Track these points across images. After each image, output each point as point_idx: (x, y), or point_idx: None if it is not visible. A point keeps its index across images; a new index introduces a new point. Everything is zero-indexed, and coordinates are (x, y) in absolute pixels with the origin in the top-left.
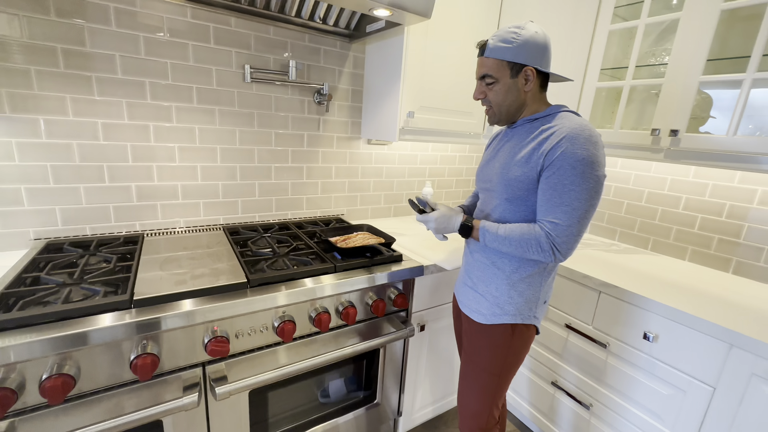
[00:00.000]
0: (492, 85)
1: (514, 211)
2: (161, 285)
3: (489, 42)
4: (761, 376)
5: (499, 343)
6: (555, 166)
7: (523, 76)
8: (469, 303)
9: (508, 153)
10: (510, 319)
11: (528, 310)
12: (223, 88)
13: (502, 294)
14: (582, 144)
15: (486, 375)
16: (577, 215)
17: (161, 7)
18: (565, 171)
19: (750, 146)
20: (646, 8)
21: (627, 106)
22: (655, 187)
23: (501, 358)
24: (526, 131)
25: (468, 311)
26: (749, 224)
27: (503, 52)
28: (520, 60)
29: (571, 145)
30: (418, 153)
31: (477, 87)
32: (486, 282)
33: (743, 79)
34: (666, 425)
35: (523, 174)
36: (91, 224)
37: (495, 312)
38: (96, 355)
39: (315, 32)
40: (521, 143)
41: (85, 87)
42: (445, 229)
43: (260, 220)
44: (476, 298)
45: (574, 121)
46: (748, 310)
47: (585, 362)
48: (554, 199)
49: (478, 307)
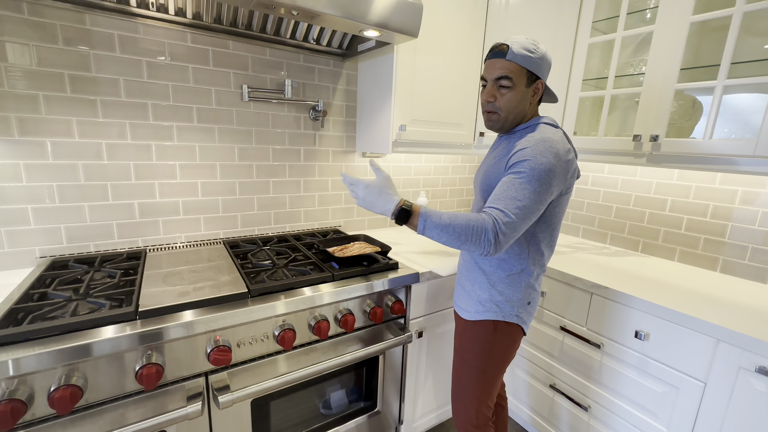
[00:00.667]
0: (507, 89)
1: None
2: (165, 297)
3: (512, 47)
4: (748, 368)
5: (483, 339)
6: (517, 166)
7: (534, 87)
8: (459, 300)
9: (491, 160)
10: (492, 316)
11: (509, 308)
12: (222, 107)
13: (484, 292)
14: (543, 152)
15: (472, 370)
16: (524, 213)
17: (162, 33)
18: (524, 171)
19: (725, 149)
20: (621, 22)
21: (610, 114)
22: (641, 190)
23: (485, 354)
24: (509, 140)
25: (457, 308)
26: (732, 223)
27: (527, 60)
28: (537, 71)
29: (532, 152)
30: (412, 164)
31: (488, 89)
32: (471, 281)
33: (715, 86)
34: (662, 423)
35: (497, 180)
36: (95, 241)
37: (478, 309)
38: (102, 366)
39: (309, 52)
40: (503, 151)
41: (90, 110)
42: (372, 205)
43: (259, 233)
44: (463, 295)
45: (542, 132)
46: (734, 306)
47: (581, 363)
48: (510, 192)
49: (464, 304)
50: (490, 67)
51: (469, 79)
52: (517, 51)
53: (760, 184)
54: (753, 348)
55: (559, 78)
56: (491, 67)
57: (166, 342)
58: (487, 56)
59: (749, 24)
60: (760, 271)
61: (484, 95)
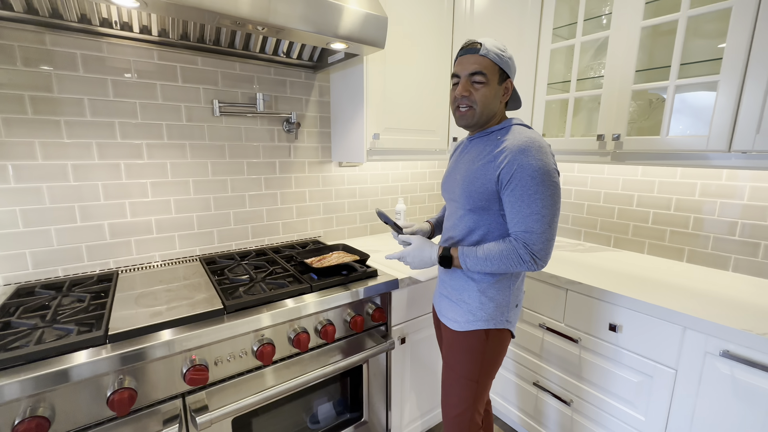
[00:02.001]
0: (481, 85)
1: (478, 220)
2: (136, 319)
3: (485, 44)
4: (713, 353)
5: (475, 349)
6: (515, 179)
7: (504, 86)
8: (446, 312)
9: (468, 165)
10: (483, 325)
11: (500, 314)
12: (193, 123)
13: (474, 301)
14: (534, 155)
15: (464, 381)
16: (546, 221)
17: (128, 51)
18: (526, 182)
19: (681, 144)
20: (580, 28)
21: (575, 116)
22: (610, 187)
23: (477, 364)
24: (483, 143)
25: (445, 320)
26: (694, 215)
27: (498, 58)
28: (507, 71)
29: (525, 158)
30: (389, 172)
31: (463, 84)
32: (459, 290)
33: (667, 85)
34: (639, 411)
35: (482, 185)
36: (64, 265)
37: (469, 319)
38: (71, 394)
39: (280, 65)
40: (479, 155)
41: (54, 131)
42: (423, 263)
43: (237, 248)
44: (451, 306)
45: (523, 134)
46: (699, 294)
47: (561, 359)
48: (523, 210)
49: (454, 315)
50: (463, 63)
51: (440, 87)
52: (489, 48)
53: (716, 177)
54: (717, 333)
55: (525, 82)
56: (464, 63)
57: (138, 365)
58: (458, 54)
59: (696, 27)
60: (722, 259)
61: (458, 90)
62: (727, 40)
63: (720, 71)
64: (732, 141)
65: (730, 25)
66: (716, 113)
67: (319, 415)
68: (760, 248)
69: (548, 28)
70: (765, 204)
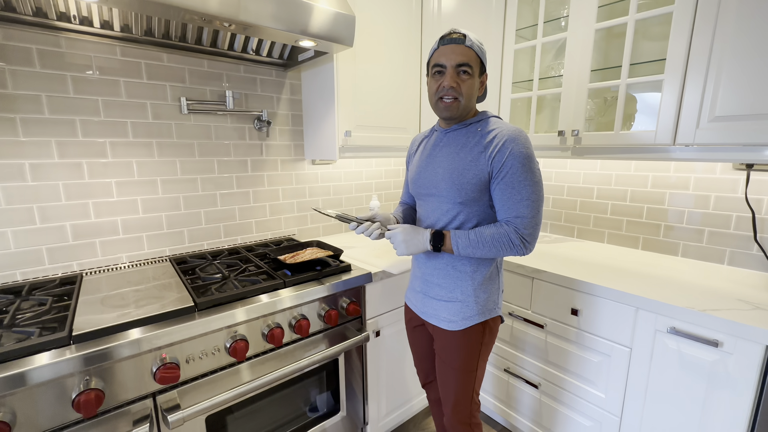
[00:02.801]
0: (468, 76)
1: (469, 213)
2: (103, 319)
3: (468, 35)
4: (662, 330)
5: (474, 344)
6: (507, 166)
7: (480, 79)
8: (437, 313)
9: (451, 158)
10: (480, 319)
11: (492, 303)
12: (159, 120)
13: (468, 296)
14: (523, 143)
15: (464, 374)
16: (535, 206)
17: (88, 47)
18: (517, 169)
19: (632, 139)
20: (540, 30)
21: (539, 113)
22: (572, 181)
23: (476, 356)
24: (463, 135)
25: (436, 321)
26: (648, 205)
27: (481, 51)
28: (486, 64)
29: (516, 146)
30: (363, 169)
31: (451, 75)
32: (449, 288)
33: (619, 84)
34: (599, 389)
35: (475, 176)
36: (22, 269)
37: (465, 316)
38: (33, 397)
39: (250, 63)
40: (464, 147)
41: (9, 129)
42: (415, 246)
43: (209, 247)
44: (443, 306)
45: (508, 125)
46: (651, 277)
47: (529, 345)
48: (514, 196)
49: (448, 315)
50: (449, 53)
51: (410, 85)
52: (474, 39)
53: (665, 169)
54: (664, 312)
55: (492, 81)
56: (451, 53)
57: (105, 365)
58: (442, 42)
59: (644, 30)
60: (672, 246)
61: (446, 81)
62: (669, 43)
63: (664, 71)
64: (676, 135)
65: (671, 29)
66: (662, 110)
67: (296, 410)
68: (704, 234)
69: (512, 30)
70: (708, 193)
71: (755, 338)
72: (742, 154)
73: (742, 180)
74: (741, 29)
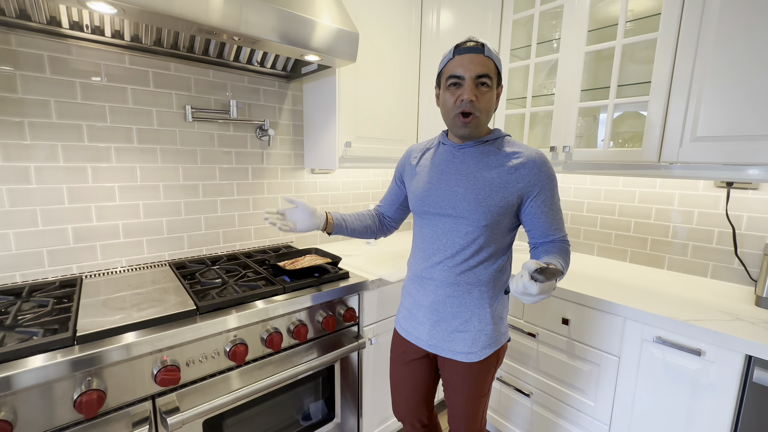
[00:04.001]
0: (487, 89)
1: (489, 235)
2: (105, 321)
3: (487, 45)
4: (648, 339)
5: (489, 371)
6: (545, 189)
7: (497, 92)
8: (452, 346)
9: (472, 178)
10: (497, 346)
11: (505, 328)
12: (164, 128)
13: (486, 324)
14: (549, 164)
15: (477, 399)
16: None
17: (98, 54)
18: (552, 191)
19: (619, 156)
20: (533, 51)
21: (533, 129)
22: (563, 195)
23: (489, 381)
24: (480, 153)
25: (452, 354)
26: (635, 219)
27: (498, 62)
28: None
29: (547, 168)
30: (361, 179)
31: (470, 88)
32: (466, 318)
33: (607, 104)
34: (589, 398)
35: (503, 199)
36: (22, 270)
37: (483, 345)
38: (35, 397)
39: (254, 74)
40: (487, 167)
41: (16, 132)
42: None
43: (208, 253)
44: (460, 338)
45: (528, 146)
46: (638, 289)
47: (521, 354)
48: (557, 216)
49: (464, 347)
50: (467, 63)
51: (409, 99)
52: (492, 50)
53: (651, 185)
54: (651, 321)
55: None
56: (470, 63)
57: (108, 366)
58: (458, 51)
59: (631, 53)
60: (658, 259)
61: (466, 94)
62: (654, 66)
63: (650, 93)
64: (661, 153)
65: (656, 54)
66: (647, 129)
67: (291, 416)
68: (688, 248)
69: (506, 49)
70: (692, 209)
71: (736, 347)
72: (722, 172)
73: (722, 197)
74: (719, 57)
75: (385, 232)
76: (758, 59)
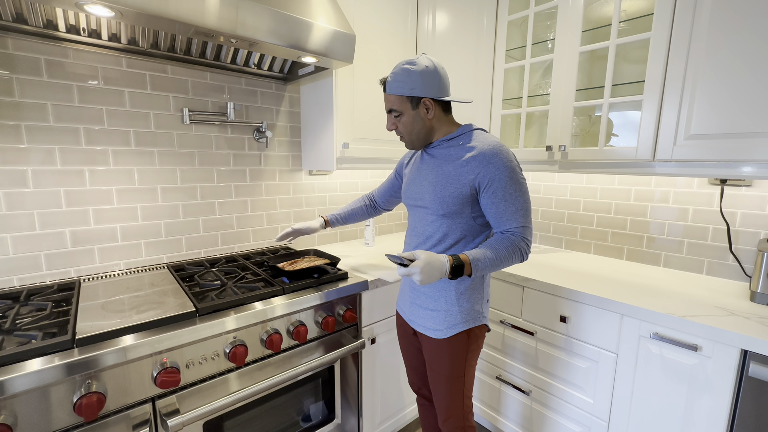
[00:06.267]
0: (399, 117)
1: (451, 224)
2: (105, 324)
3: (389, 78)
4: (645, 336)
5: (459, 351)
6: (495, 180)
7: (423, 106)
8: (423, 322)
9: (435, 172)
10: (464, 327)
11: (476, 313)
12: (161, 130)
13: (452, 305)
14: (505, 156)
15: (453, 380)
16: (529, 214)
17: (95, 58)
18: (505, 182)
19: (615, 155)
20: (528, 51)
21: (528, 129)
22: (560, 194)
23: (462, 362)
24: (445, 149)
25: (423, 330)
26: (631, 217)
27: (400, 88)
28: (417, 93)
29: (498, 159)
30: (358, 180)
31: (388, 119)
32: (434, 298)
33: (602, 103)
34: (588, 395)
35: (456, 190)
36: (20, 274)
37: (450, 324)
38: (35, 400)
39: (251, 76)
40: (446, 160)
41: (13, 136)
42: (433, 277)
43: (206, 255)
44: (429, 315)
45: (489, 138)
46: (634, 286)
47: (520, 352)
48: (509, 207)
49: (433, 324)
50: (384, 99)
51: None
52: (391, 82)
53: (647, 183)
54: (647, 318)
55: (483, 98)
56: (385, 100)
57: (107, 368)
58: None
59: (625, 53)
60: (654, 256)
61: (388, 125)
62: (647, 66)
63: (643, 92)
64: (655, 151)
65: (649, 54)
66: (642, 128)
67: (291, 417)
68: (684, 246)
69: (502, 50)
70: (686, 207)
71: (731, 342)
72: (716, 170)
73: (717, 194)
74: (711, 57)
75: (378, 212)
76: (746, 59)
